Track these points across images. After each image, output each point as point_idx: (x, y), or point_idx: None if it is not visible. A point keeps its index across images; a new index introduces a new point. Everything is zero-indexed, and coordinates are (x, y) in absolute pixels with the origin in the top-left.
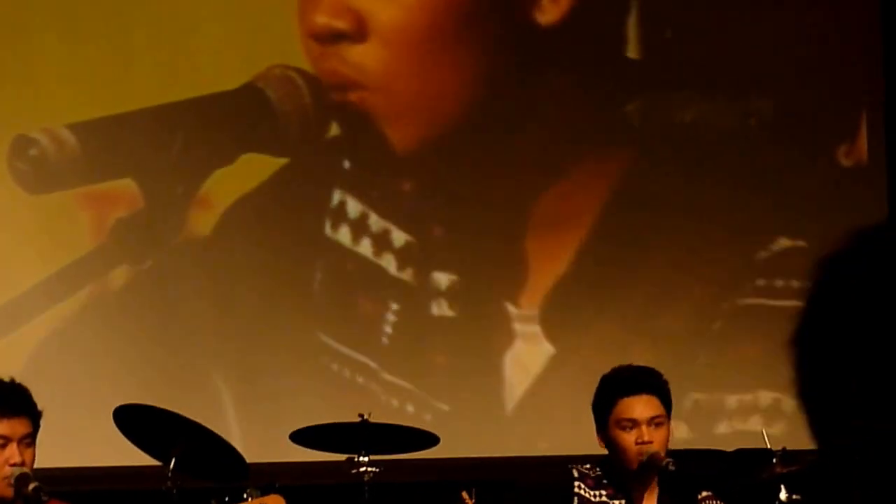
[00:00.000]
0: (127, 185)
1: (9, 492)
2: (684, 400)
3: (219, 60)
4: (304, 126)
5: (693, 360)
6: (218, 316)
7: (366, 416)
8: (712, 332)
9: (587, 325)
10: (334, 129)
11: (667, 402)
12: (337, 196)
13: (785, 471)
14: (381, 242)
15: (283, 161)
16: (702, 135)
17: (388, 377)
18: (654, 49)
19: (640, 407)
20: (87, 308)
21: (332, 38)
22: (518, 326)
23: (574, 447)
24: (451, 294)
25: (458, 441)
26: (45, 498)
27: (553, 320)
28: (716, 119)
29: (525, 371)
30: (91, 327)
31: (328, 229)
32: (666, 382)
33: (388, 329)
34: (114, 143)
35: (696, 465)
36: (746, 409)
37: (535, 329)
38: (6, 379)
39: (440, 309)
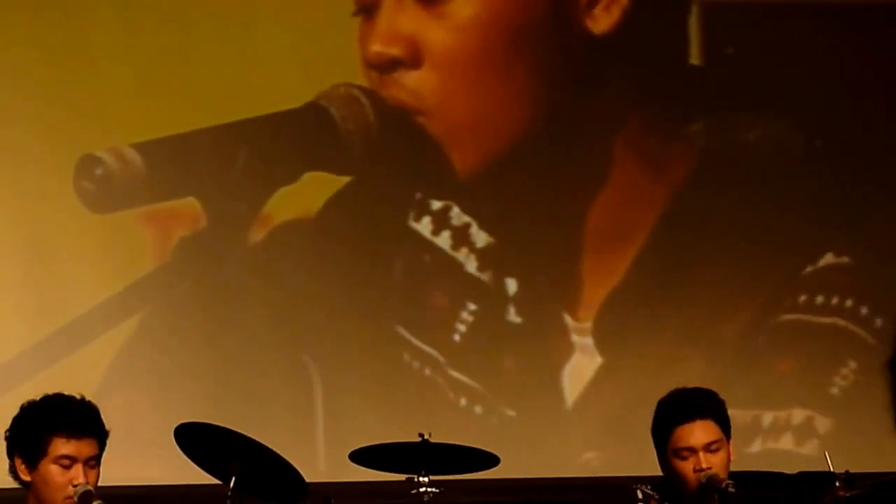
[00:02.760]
0: (190, 204)
1: None
2: None
3: (283, 79)
4: (368, 145)
5: (735, 375)
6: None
7: (426, 436)
8: (755, 348)
9: (637, 339)
10: (402, 154)
11: (724, 424)
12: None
13: (847, 494)
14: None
15: (345, 179)
16: (762, 154)
17: (455, 374)
18: (715, 64)
19: (697, 434)
20: (150, 326)
21: (389, 65)
22: (575, 338)
23: (625, 463)
24: (517, 301)
25: (519, 449)
26: None
27: (605, 333)
28: (777, 139)
29: (581, 381)
30: (155, 345)
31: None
32: (722, 403)
33: (462, 327)
34: (178, 161)
35: (757, 488)
36: (780, 427)
37: (589, 341)
38: (76, 396)
39: (511, 314)
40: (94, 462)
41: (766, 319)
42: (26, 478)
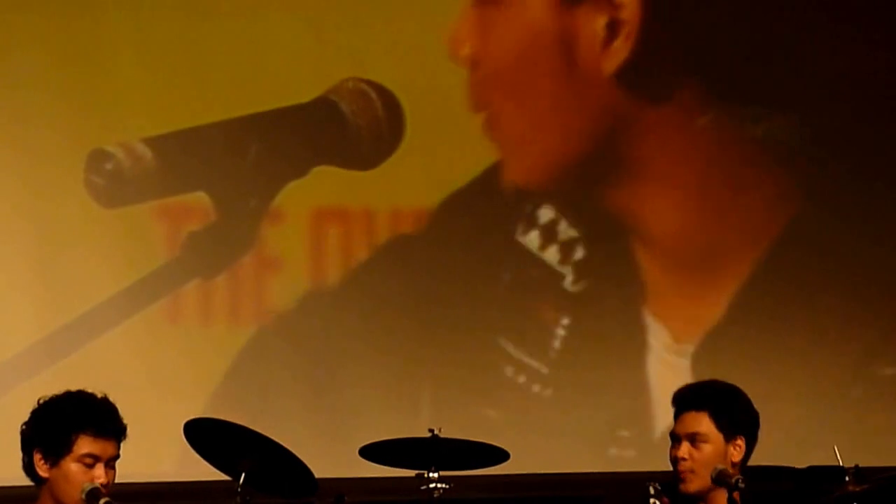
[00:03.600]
0: (200, 199)
1: None
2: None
3: (292, 73)
4: (378, 139)
5: (828, 424)
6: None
7: (436, 431)
8: (850, 399)
9: (732, 370)
10: None
11: (724, 420)
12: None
13: (858, 489)
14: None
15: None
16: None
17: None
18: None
19: (684, 423)
20: (160, 321)
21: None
22: (670, 357)
23: None
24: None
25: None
26: None
27: (703, 362)
28: None
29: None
30: (164, 340)
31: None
32: (729, 399)
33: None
34: (188, 156)
35: (767, 483)
36: None
37: (686, 363)
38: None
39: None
40: (113, 462)
41: (862, 370)
42: (45, 474)
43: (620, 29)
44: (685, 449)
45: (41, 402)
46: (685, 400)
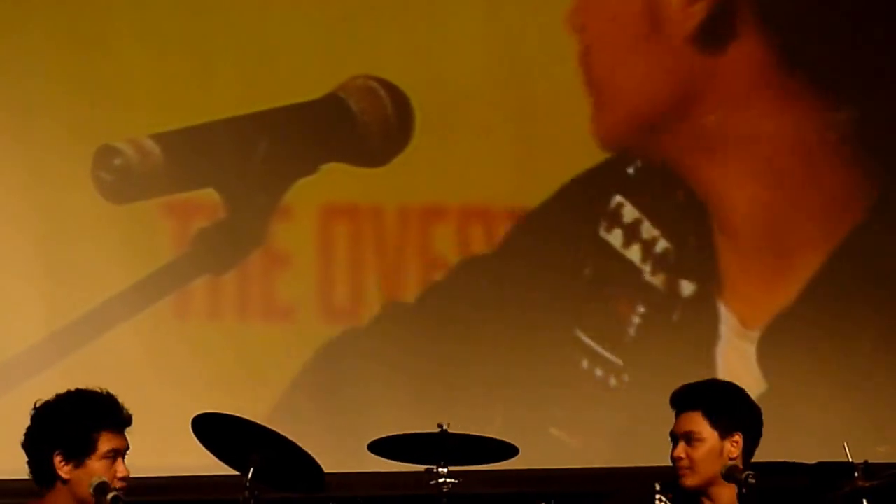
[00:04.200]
0: (209, 195)
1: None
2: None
3: (301, 70)
4: (387, 136)
5: (884, 424)
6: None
7: (445, 427)
8: None
9: (801, 366)
10: None
11: (718, 418)
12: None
13: (867, 485)
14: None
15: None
16: None
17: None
18: None
19: (679, 423)
20: (169, 316)
21: None
22: (738, 342)
23: None
24: (688, 303)
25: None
26: None
27: (768, 345)
28: None
29: None
30: (173, 336)
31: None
32: (722, 396)
33: (632, 331)
34: (196, 152)
35: (776, 479)
36: None
37: (752, 349)
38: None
39: (678, 315)
40: (125, 454)
41: None
42: (67, 475)
43: None
44: (681, 448)
45: (45, 404)
46: (680, 400)
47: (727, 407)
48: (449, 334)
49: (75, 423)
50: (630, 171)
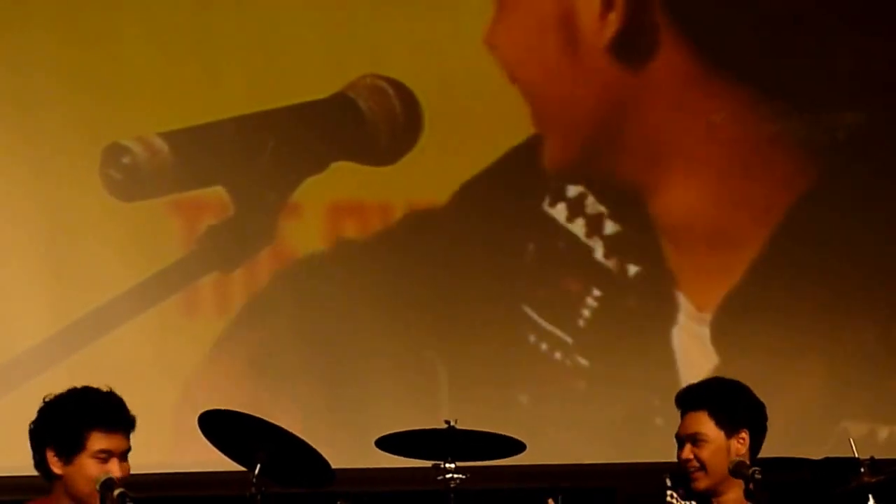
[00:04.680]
0: (217, 193)
1: (98, 500)
2: (835, 427)
3: (310, 69)
4: (395, 135)
5: (852, 386)
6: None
7: (452, 423)
8: (875, 361)
9: (756, 342)
10: None
11: (723, 417)
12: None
13: (874, 480)
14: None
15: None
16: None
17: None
18: None
19: (684, 424)
20: (177, 314)
21: None
22: (694, 326)
23: None
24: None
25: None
26: None
27: (723, 331)
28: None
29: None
30: (181, 333)
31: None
32: (726, 394)
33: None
34: (205, 150)
35: (783, 474)
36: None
37: (706, 331)
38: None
39: (631, 299)
40: (126, 455)
41: (889, 332)
42: (58, 471)
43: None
44: (688, 450)
45: (48, 400)
46: (684, 401)
47: (731, 405)
48: (453, 330)
49: (66, 420)
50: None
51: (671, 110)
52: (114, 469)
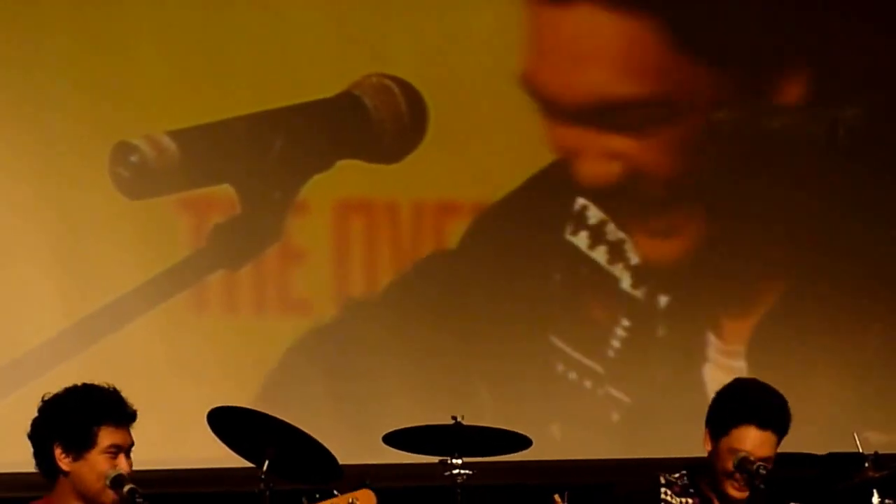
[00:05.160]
0: (225, 191)
1: (109, 496)
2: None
3: (316, 68)
4: (401, 133)
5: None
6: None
7: (459, 419)
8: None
9: (790, 370)
10: None
11: (781, 440)
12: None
13: (878, 475)
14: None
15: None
16: None
17: (611, 389)
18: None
19: (761, 444)
20: (186, 311)
21: None
22: (723, 360)
23: None
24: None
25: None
26: (139, 500)
27: (757, 359)
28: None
29: None
30: (190, 330)
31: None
32: (789, 417)
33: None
34: (212, 149)
35: (787, 470)
36: None
37: (740, 364)
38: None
39: (661, 330)
40: (130, 451)
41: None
42: (67, 468)
43: None
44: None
45: (49, 398)
46: (766, 417)
47: (788, 427)
48: (459, 328)
49: (77, 416)
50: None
51: None
52: (122, 464)
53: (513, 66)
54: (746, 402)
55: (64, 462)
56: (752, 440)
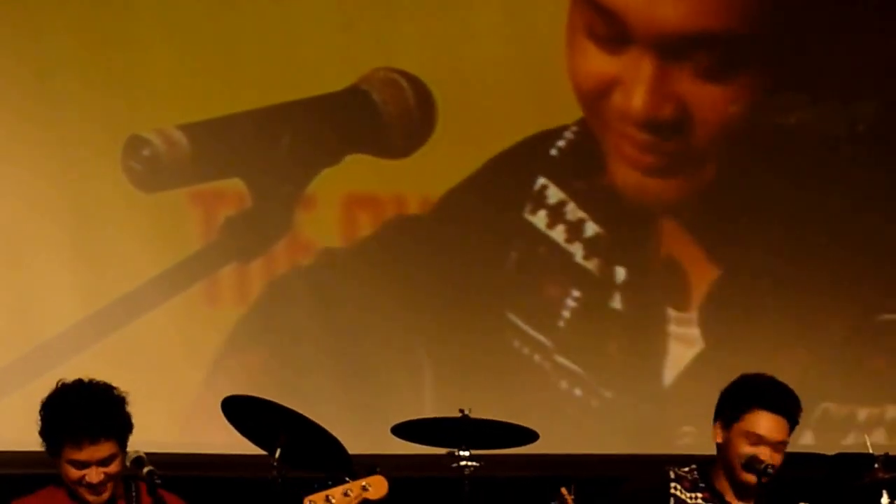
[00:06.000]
0: (235, 185)
1: (96, 498)
2: (815, 409)
3: (324, 63)
4: (409, 128)
5: (833, 370)
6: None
7: (466, 412)
8: (854, 345)
9: (740, 331)
10: None
11: (793, 429)
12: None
13: (887, 476)
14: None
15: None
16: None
17: (560, 359)
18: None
19: (775, 428)
20: (199, 303)
21: None
22: (676, 328)
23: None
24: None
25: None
26: (157, 481)
27: (709, 322)
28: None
29: (677, 368)
30: (203, 321)
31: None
32: (798, 402)
33: (567, 314)
34: (223, 143)
35: (796, 470)
36: (873, 422)
37: (693, 332)
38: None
39: (616, 302)
40: (109, 460)
41: (867, 318)
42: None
43: None
44: (768, 453)
45: (43, 402)
46: (778, 403)
47: (798, 416)
48: (467, 319)
49: (45, 428)
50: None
51: None
52: (90, 476)
53: (522, 58)
54: (758, 389)
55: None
56: (765, 423)
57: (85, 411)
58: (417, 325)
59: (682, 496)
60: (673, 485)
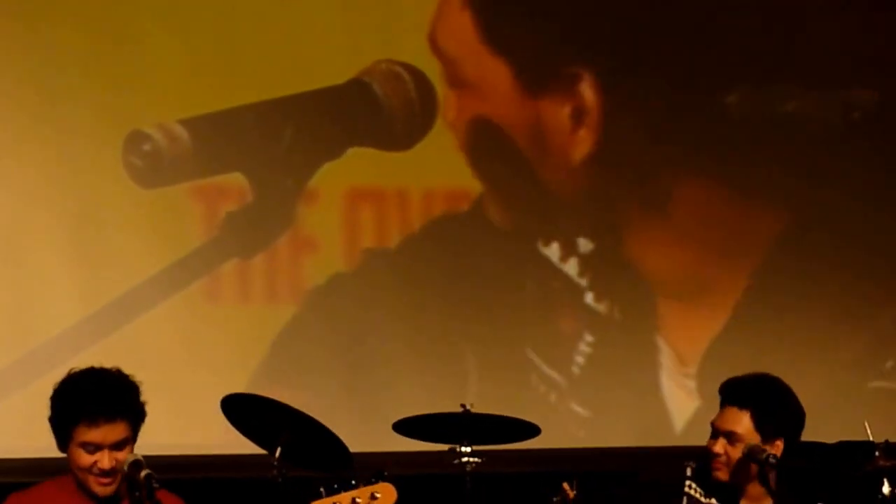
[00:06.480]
0: (237, 179)
1: (103, 488)
2: None
3: (326, 55)
4: (411, 120)
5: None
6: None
7: (468, 407)
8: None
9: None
10: None
11: (765, 422)
12: None
13: (888, 464)
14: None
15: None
16: None
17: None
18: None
19: (724, 418)
20: (200, 299)
21: None
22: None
23: None
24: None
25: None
26: (156, 485)
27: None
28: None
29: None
30: (204, 318)
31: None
32: (774, 399)
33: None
34: (224, 137)
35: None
36: None
37: (692, 384)
38: (114, 371)
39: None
40: (122, 444)
41: (859, 311)
42: (64, 454)
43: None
44: (721, 445)
45: (55, 387)
46: (731, 394)
47: (777, 412)
48: (470, 315)
49: (54, 412)
50: None
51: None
52: (101, 460)
53: None
54: (725, 382)
55: (61, 448)
56: (718, 415)
57: (103, 389)
58: (418, 323)
59: (696, 495)
60: (688, 483)
